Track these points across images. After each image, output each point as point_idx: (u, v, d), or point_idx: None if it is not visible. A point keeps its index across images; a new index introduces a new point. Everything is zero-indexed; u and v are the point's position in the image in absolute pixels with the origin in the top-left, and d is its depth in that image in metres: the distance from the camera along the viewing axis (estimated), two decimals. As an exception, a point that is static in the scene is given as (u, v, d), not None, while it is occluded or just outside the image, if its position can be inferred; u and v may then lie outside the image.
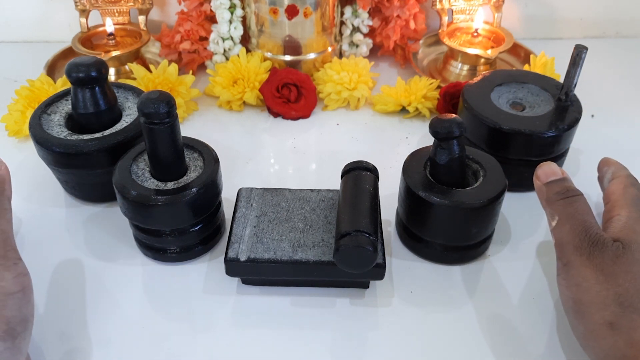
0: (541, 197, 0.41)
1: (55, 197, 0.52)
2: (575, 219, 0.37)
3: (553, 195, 0.40)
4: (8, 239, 0.37)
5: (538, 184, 0.41)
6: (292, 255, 0.41)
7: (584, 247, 0.36)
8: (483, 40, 0.69)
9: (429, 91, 0.62)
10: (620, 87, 0.69)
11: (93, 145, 0.46)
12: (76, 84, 0.46)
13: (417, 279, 0.45)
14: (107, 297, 0.43)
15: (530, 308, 0.42)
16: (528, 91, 0.54)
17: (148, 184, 0.42)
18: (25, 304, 0.35)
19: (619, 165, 0.43)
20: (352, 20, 0.67)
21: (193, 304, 0.42)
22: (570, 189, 0.40)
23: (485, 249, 0.46)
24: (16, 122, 0.58)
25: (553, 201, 0.39)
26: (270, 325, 0.41)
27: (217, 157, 0.44)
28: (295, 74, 0.62)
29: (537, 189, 0.42)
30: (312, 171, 0.56)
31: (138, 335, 0.40)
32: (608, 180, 0.43)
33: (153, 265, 0.45)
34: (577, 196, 0.39)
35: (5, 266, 0.35)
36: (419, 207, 0.43)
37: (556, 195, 0.39)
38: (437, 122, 0.41)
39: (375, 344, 0.40)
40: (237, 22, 0.65)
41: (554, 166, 0.41)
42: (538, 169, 0.42)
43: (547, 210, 0.40)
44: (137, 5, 0.69)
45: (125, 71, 0.66)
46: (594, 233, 0.36)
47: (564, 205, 0.39)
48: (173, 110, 0.39)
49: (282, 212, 0.44)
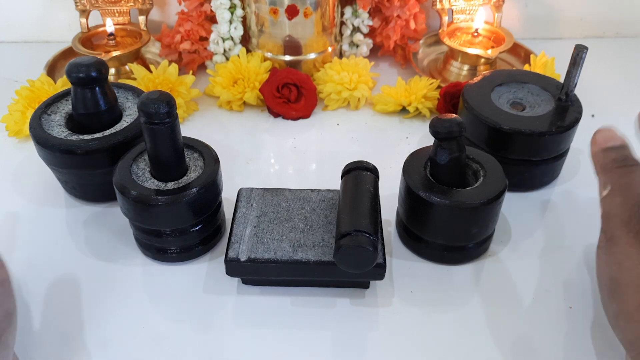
0: (596, 163, 0.38)
1: (55, 197, 0.52)
2: (630, 191, 0.35)
3: (610, 162, 0.37)
4: None
5: (594, 149, 0.38)
6: (292, 255, 0.41)
7: (633, 224, 0.34)
8: (483, 40, 0.69)
9: (429, 91, 0.62)
10: (620, 87, 0.69)
11: (93, 145, 0.46)
12: (76, 84, 0.46)
13: (417, 279, 0.45)
14: (107, 297, 0.43)
15: (530, 308, 0.42)
16: (528, 91, 0.54)
17: (148, 184, 0.42)
18: (7, 298, 0.33)
19: None
20: (352, 20, 0.67)
21: (193, 304, 0.42)
22: (629, 157, 0.37)
23: (485, 249, 0.46)
24: (16, 122, 0.58)
25: (609, 169, 0.37)
26: (270, 325, 0.41)
27: (218, 157, 0.44)
28: (296, 74, 0.62)
29: (593, 155, 0.39)
30: (312, 171, 0.56)
31: (138, 335, 0.40)
32: None
33: (153, 265, 0.45)
34: (636, 166, 0.36)
35: None
36: (419, 207, 0.43)
37: (613, 163, 0.37)
38: (438, 122, 0.41)
39: (376, 344, 0.40)
40: (237, 22, 0.65)
41: (613, 132, 0.38)
42: (596, 134, 0.39)
43: (600, 177, 0.37)
44: (137, 5, 0.69)
45: (126, 71, 0.66)
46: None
47: (620, 174, 0.36)
48: (173, 111, 0.39)
49: (283, 212, 0.44)
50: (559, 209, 0.51)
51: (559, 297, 0.43)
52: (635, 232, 0.33)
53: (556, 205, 0.52)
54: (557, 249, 0.47)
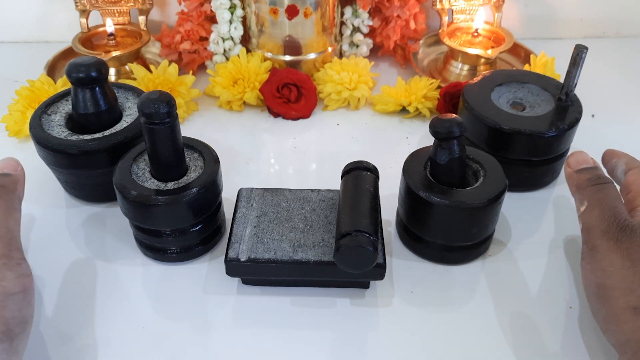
0: (571, 184, 0.42)
1: (55, 197, 0.52)
2: (605, 204, 0.38)
3: (584, 181, 0.40)
4: (13, 238, 0.37)
5: (569, 171, 0.42)
6: (292, 255, 0.41)
7: (612, 232, 0.36)
8: (483, 40, 0.69)
9: (429, 91, 0.62)
10: (620, 87, 0.69)
11: (93, 145, 0.46)
12: (76, 84, 0.46)
13: (417, 279, 0.45)
14: (107, 297, 0.43)
15: (530, 308, 0.42)
16: (528, 91, 0.54)
17: (148, 184, 0.42)
18: (26, 306, 0.35)
19: (629, 156, 0.43)
20: (352, 21, 0.67)
21: (193, 304, 0.42)
22: (601, 176, 0.40)
23: (485, 249, 0.46)
24: (16, 122, 0.58)
25: (584, 187, 0.40)
26: (270, 325, 0.41)
27: (218, 157, 0.44)
28: (296, 74, 0.62)
29: (567, 176, 0.43)
30: (312, 171, 0.56)
31: (138, 335, 0.40)
32: (623, 172, 0.42)
33: (153, 265, 0.45)
34: (608, 184, 0.40)
35: (9, 266, 0.35)
36: (419, 207, 0.43)
37: (587, 182, 0.40)
38: (438, 122, 0.41)
39: (376, 344, 0.40)
40: (237, 22, 0.65)
41: (585, 155, 0.43)
42: (569, 157, 0.43)
43: (576, 196, 0.41)
44: (137, 5, 0.69)
45: (126, 71, 0.66)
46: (623, 219, 0.36)
47: (594, 191, 0.39)
48: (173, 111, 0.39)
49: (283, 212, 0.44)
50: (559, 209, 0.51)
51: (559, 297, 0.43)
52: (615, 240, 0.36)
53: (556, 205, 0.52)
54: (557, 249, 0.47)
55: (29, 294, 0.35)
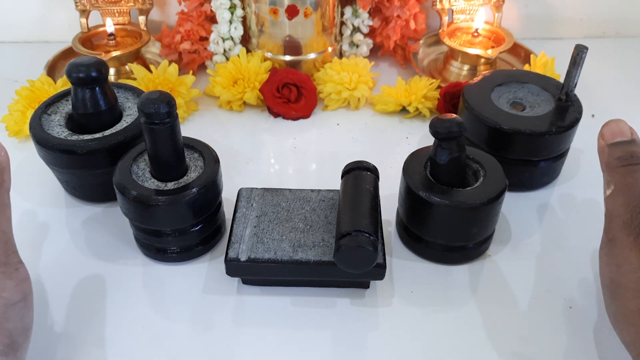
0: (601, 159, 0.37)
1: (55, 197, 0.52)
2: (632, 192, 0.34)
3: (614, 159, 0.36)
4: (9, 241, 0.34)
5: (601, 144, 0.37)
6: (292, 255, 0.41)
7: (634, 226, 0.33)
8: (483, 40, 0.69)
9: (429, 91, 0.62)
10: (620, 87, 0.69)
11: (93, 145, 0.46)
12: (76, 84, 0.46)
13: (417, 279, 0.45)
14: (107, 297, 0.43)
15: (530, 308, 0.42)
16: (528, 91, 0.54)
17: (148, 184, 0.42)
18: (27, 312, 0.34)
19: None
20: (352, 20, 0.67)
21: (193, 304, 0.42)
22: (635, 155, 0.35)
23: (485, 249, 0.46)
24: (16, 122, 0.58)
25: (612, 167, 0.35)
26: (270, 325, 0.41)
27: (218, 157, 0.44)
28: (296, 74, 0.62)
29: (599, 149, 0.37)
30: (312, 171, 0.56)
31: (138, 335, 0.40)
32: None
33: (153, 265, 0.45)
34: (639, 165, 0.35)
35: (7, 273, 0.33)
36: (419, 207, 0.43)
37: (617, 161, 0.35)
38: (438, 122, 0.41)
39: (376, 344, 0.40)
40: (237, 22, 0.65)
41: (622, 124, 0.37)
42: (604, 127, 0.37)
43: (604, 175, 0.36)
44: (137, 5, 0.69)
45: (126, 71, 0.66)
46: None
47: (623, 173, 0.35)
48: (173, 111, 0.39)
49: (283, 212, 0.44)
50: (559, 209, 0.51)
51: (559, 297, 0.43)
52: (635, 235, 0.33)
53: (556, 205, 0.52)
54: (557, 249, 0.47)
55: (29, 300, 0.34)
